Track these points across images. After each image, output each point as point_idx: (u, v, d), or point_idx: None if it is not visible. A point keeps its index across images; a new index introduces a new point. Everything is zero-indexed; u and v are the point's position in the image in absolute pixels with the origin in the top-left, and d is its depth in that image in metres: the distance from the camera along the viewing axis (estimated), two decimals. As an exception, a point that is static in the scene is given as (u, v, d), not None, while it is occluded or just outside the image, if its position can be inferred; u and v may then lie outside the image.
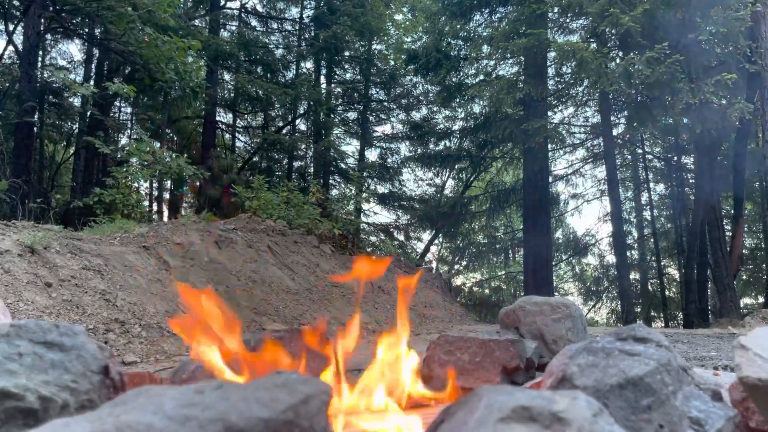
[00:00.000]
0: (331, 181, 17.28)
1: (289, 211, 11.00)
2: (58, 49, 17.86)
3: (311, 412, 0.98)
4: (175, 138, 18.82)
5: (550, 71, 14.04)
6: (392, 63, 17.49)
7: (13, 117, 11.19)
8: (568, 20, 13.78)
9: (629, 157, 19.98)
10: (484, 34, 14.62)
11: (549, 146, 15.35)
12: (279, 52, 17.51)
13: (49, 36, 15.30)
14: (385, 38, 17.30)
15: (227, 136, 19.38)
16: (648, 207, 20.77)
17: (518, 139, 13.59)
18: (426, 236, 19.48)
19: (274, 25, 18.36)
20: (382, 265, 2.42)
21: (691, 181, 18.25)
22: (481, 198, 18.33)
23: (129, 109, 18.43)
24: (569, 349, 1.55)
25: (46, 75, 12.76)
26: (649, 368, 1.39)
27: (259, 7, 18.35)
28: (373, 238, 18.06)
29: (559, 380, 1.46)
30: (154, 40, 10.80)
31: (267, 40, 17.76)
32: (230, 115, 18.85)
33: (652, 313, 20.47)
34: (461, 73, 15.86)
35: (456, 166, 18.46)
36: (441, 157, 17.51)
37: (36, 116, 11.88)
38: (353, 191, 15.65)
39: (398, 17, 18.09)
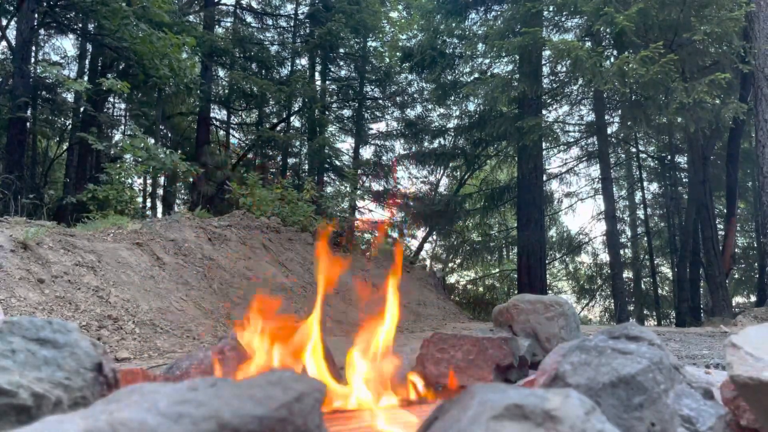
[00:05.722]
0: (325, 179, 17.27)
1: (284, 208, 10.98)
2: (52, 45, 17.78)
3: (305, 410, 0.98)
4: (170, 134, 18.77)
5: (545, 70, 14.06)
6: (387, 60, 17.47)
7: (6, 112, 11.13)
8: (563, 19, 13.78)
9: (623, 156, 20.03)
10: (480, 32, 14.60)
11: (543, 145, 15.36)
12: (274, 48, 17.47)
13: (42, 31, 15.21)
14: (381, 36, 17.28)
15: (221, 132, 19.35)
16: (641, 206, 20.85)
17: (513, 138, 13.60)
18: (420, 234, 19.52)
19: (269, 22, 18.32)
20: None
21: (684, 180, 18.32)
22: (475, 196, 18.33)
23: (123, 105, 18.36)
24: (562, 348, 1.56)
25: (39, 70, 12.68)
26: (642, 367, 1.40)
27: (254, 4, 18.31)
28: (367, 236, 18.06)
29: (552, 378, 1.46)
30: (148, 36, 10.76)
31: (262, 37, 17.72)
32: (224, 112, 18.81)
33: (645, 312, 20.56)
34: (456, 71, 15.84)
35: (450, 164, 18.46)
36: (435, 155, 17.50)
37: (29, 112, 11.82)
38: (348, 188, 15.64)
39: (393, 15, 18.07)
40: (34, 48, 15.21)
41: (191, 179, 13.41)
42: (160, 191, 18.09)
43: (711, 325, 9.47)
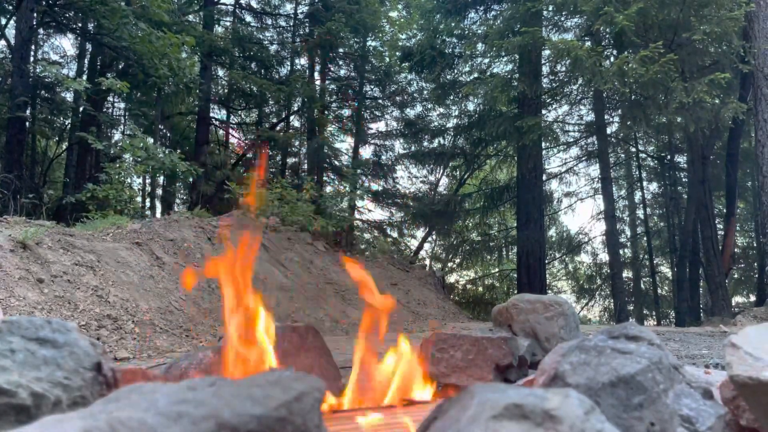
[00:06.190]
0: (324, 178, 17.26)
1: (283, 207, 10.98)
2: (51, 44, 17.76)
3: (304, 409, 0.98)
4: (169, 134, 18.76)
5: (545, 69, 14.05)
6: (387, 60, 17.46)
7: (5, 112, 11.12)
8: (562, 18, 13.78)
9: (623, 155, 20.04)
10: (479, 31, 14.61)
11: (543, 144, 15.36)
12: (273, 48, 17.47)
13: (41, 30, 15.20)
14: (380, 35, 17.27)
15: (221, 132, 19.36)
16: (641, 205, 20.85)
17: (512, 137, 13.60)
18: (420, 234, 19.52)
19: (269, 21, 18.31)
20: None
21: (684, 179, 18.33)
22: (475, 196, 18.34)
23: (122, 105, 18.33)
24: (562, 347, 1.56)
25: (38, 70, 12.67)
26: (641, 366, 1.40)
27: (253, 3, 18.29)
28: (366, 236, 18.06)
29: (551, 378, 1.46)
30: (147, 35, 10.75)
31: (261, 36, 17.71)
32: (224, 112, 18.80)
33: (645, 312, 20.57)
34: (456, 71, 15.85)
35: (450, 164, 18.46)
36: (435, 154, 17.50)
37: (28, 111, 11.81)
38: (347, 188, 15.64)
39: (393, 14, 18.06)
40: (33, 47, 15.18)
41: (190, 179, 13.41)
42: (160, 191, 18.09)
43: (710, 325, 9.48)
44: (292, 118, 18.07)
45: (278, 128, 17.67)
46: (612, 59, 11.43)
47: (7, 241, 5.40)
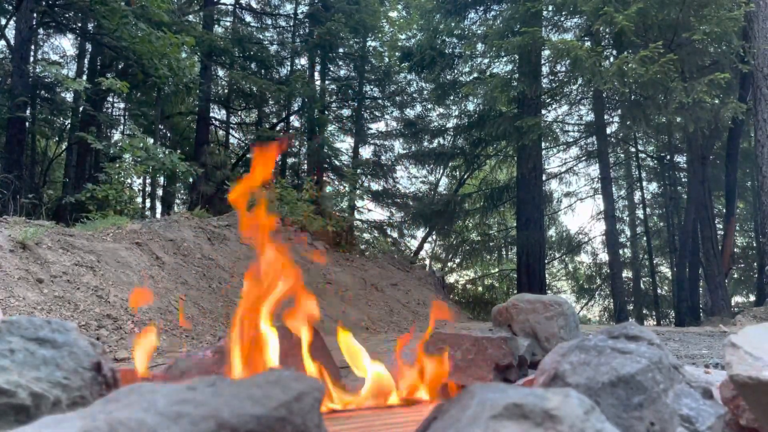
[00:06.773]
0: (324, 178, 17.26)
1: (283, 207, 10.98)
2: (51, 44, 17.75)
3: (304, 409, 0.98)
4: (169, 134, 18.77)
5: (545, 69, 14.05)
6: (387, 60, 17.47)
7: (5, 112, 11.12)
8: (562, 18, 13.79)
9: (623, 155, 20.04)
10: (479, 32, 14.61)
11: (543, 144, 15.36)
12: (273, 48, 17.48)
13: (41, 30, 15.19)
14: (380, 35, 17.27)
15: (221, 132, 19.37)
16: (641, 205, 20.85)
17: (512, 137, 13.60)
18: (420, 234, 19.51)
19: (269, 21, 18.32)
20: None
21: (683, 180, 18.33)
22: (474, 196, 18.33)
23: (122, 105, 18.33)
24: (562, 347, 1.56)
25: (38, 70, 12.67)
26: (641, 366, 1.40)
27: (253, 3, 18.30)
28: (366, 236, 18.05)
29: (551, 378, 1.46)
30: (147, 35, 10.76)
31: (261, 36, 17.71)
32: (224, 112, 18.81)
33: (644, 311, 20.56)
34: (455, 71, 15.85)
35: (450, 164, 18.46)
36: (435, 154, 17.50)
37: (28, 111, 11.82)
38: (347, 188, 15.64)
39: (393, 14, 18.07)
40: (33, 47, 15.18)
41: (190, 179, 13.41)
42: (160, 191, 18.09)
43: (710, 325, 9.47)
44: (292, 118, 18.07)
45: (278, 128, 17.67)
46: (612, 59, 11.43)
47: (6, 241, 5.40)
